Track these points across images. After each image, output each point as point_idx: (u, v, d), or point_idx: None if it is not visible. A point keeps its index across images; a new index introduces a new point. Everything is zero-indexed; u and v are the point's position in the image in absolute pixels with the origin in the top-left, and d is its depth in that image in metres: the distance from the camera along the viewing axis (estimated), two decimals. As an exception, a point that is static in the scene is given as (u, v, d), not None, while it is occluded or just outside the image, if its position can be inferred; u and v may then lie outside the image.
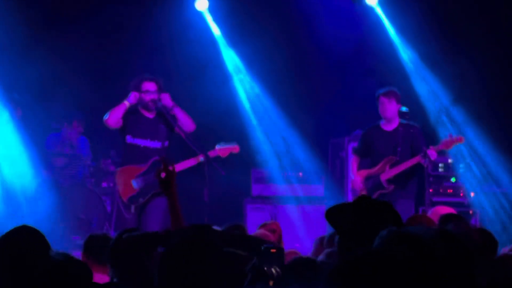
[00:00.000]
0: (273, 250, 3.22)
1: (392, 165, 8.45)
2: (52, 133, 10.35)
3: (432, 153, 8.18)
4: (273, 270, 3.19)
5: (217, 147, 8.22)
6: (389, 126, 8.63)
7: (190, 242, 2.98)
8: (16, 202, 9.25)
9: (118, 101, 9.16)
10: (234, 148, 8.37)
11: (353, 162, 8.95)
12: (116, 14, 10.56)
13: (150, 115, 8.25)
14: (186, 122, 8.19)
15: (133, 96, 8.15)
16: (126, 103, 8.14)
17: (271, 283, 3.16)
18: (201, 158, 8.05)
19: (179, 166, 8.01)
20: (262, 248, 3.19)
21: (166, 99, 8.17)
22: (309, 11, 10.75)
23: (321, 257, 4.36)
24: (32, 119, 9.80)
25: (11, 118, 9.67)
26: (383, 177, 8.47)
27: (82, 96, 9.88)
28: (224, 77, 10.94)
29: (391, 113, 8.54)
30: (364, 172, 8.67)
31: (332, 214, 3.04)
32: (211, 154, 8.13)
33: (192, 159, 8.13)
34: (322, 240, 5.47)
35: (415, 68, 10.82)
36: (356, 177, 8.74)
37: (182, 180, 7.98)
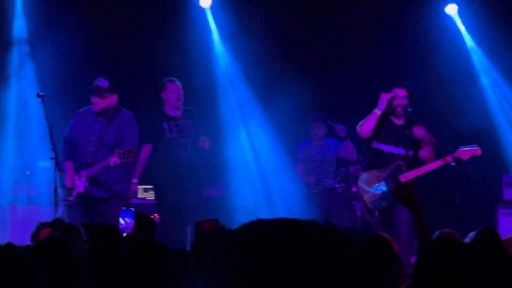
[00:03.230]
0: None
1: None
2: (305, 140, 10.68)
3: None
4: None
5: (460, 148, 8.11)
6: None
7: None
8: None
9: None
10: (476, 150, 8.09)
11: None
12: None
13: (398, 121, 8.16)
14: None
15: (383, 102, 8.10)
16: (377, 111, 8.10)
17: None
18: (448, 160, 7.98)
19: (426, 168, 8.03)
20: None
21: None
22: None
23: None
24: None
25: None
26: None
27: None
28: (472, 77, 10.84)
29: None
30: None
31: None
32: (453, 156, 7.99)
33: (438, 160, 8.03)
34: None
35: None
36: None
37: (432, 184, 8.07)
